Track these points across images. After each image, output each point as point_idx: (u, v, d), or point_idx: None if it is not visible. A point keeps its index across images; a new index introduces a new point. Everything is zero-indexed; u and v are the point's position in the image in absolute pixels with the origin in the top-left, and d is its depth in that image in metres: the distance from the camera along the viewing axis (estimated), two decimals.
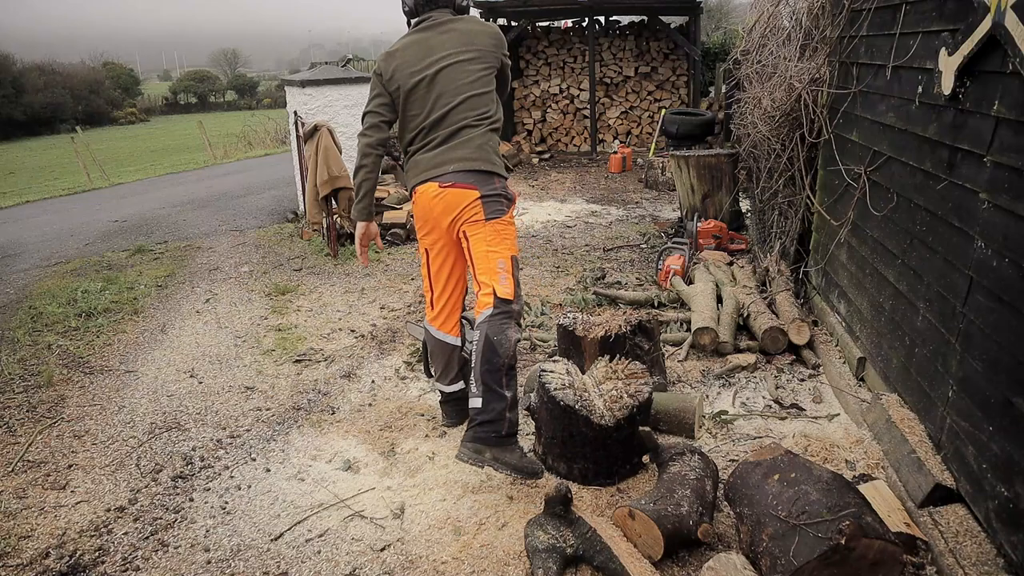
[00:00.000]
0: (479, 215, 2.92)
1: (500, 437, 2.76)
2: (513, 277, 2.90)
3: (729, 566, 2.19)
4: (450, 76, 2.96)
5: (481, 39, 3.04)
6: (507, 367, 2.79)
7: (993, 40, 2.23)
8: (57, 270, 6.77)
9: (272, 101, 40.38)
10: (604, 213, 8.20)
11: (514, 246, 2.97)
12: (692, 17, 11.75)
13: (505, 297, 2.86)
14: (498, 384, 2.76)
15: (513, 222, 3.03)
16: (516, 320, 2.89)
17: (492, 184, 2.95)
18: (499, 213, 2.94)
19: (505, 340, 2.79)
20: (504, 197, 2.98)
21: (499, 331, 2.80)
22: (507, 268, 2.89)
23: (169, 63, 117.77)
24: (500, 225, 2.93)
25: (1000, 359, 2.23)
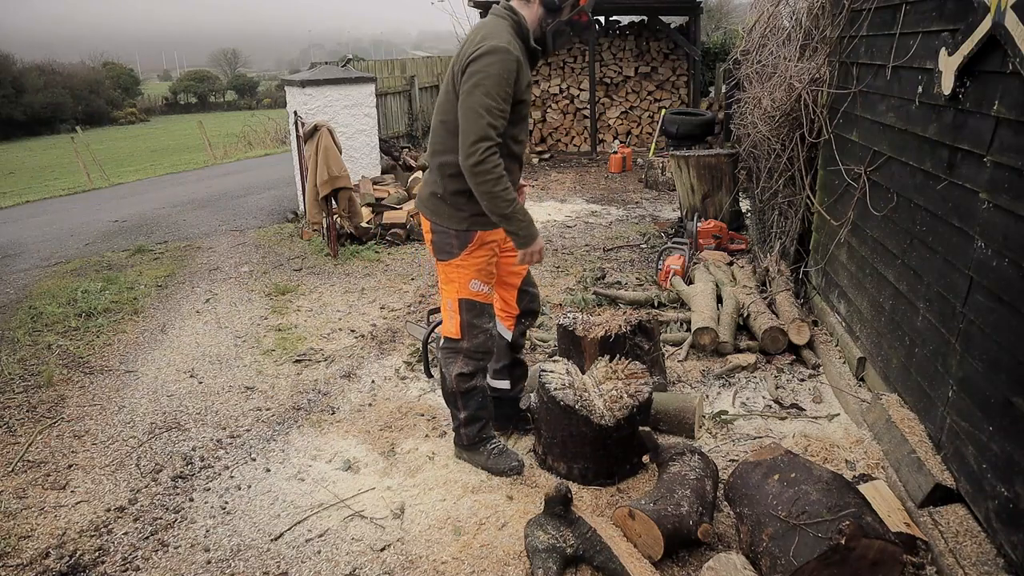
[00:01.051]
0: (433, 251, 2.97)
1: (464, 446, 3.13)
2: (460, 317, 2.92)
3: (729, 566, 2.19)
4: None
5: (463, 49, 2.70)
6: (458, 392, 3.00)
7: (993, 40, 2.23)
8: (57, 270, 6.77)
9: (272, 101, 40.38)
10: (604, 213, 8.20)
11: (463, 289, 2.88)
12: (692, 17, 11.75)
13: (449, 336, 3.00)
14: (452, 405, 3.08)
15: (466, 264, 2.86)
16: (465, 354, 2.97)
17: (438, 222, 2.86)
18: (446, 255, 2.87)
19: (447, 374, 3.01)
20: (452, 237, 2.82)
21: (445, 364, 3.03)
22: (453, 308, 2.93)
23: (169, 63, 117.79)
24: (448, 268, 2.90)
25: (1000, 359, 2.23)
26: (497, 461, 3.04)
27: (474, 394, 3.02)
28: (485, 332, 2.97)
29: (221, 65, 60.76)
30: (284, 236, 7.68)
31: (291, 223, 8.21)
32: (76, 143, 17.42)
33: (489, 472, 3.04)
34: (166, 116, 42.92)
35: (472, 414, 3.03)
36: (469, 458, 3.12)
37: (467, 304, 2.92)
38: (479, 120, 2.54)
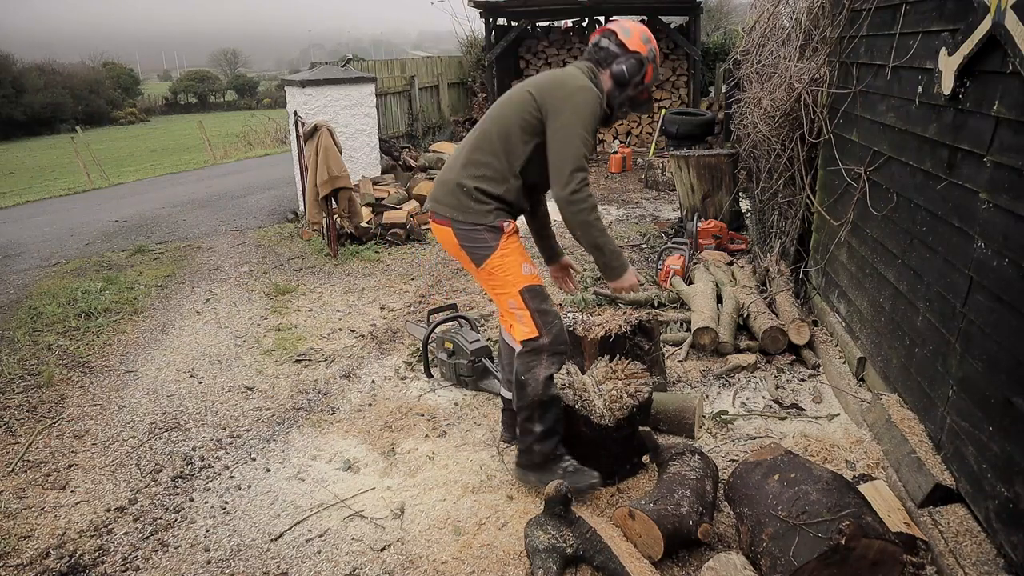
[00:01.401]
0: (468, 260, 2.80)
1: (536, 465, 2.83)
2: (530, 309, 2.73)
3: (729, 566, 2.19)
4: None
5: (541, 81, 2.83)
6: (537, 404, 2.74)
7: (993, 40, 2.23)
8: (57, 270, 6.77)
9: (272, 101, 40.37)
10: (604, 213, 8.20)
11: (518, 278, 2.74)
12: (692, 17, 11.75)
13: (527, 338, 2.76)
14: (528, 419, 2.78)
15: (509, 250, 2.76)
16: (549, 352, 2.74)
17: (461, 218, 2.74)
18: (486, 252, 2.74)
19: (532, 380, 2.73)
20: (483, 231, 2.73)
21: (526, 370, 2.75)
22: (518, 306, 2.74)
23: (169, 63, 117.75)
24: (493, 264, 2.75)
25: (1000, 359, 2.23)
26: (574, 479, 2.74)
27: (554, 403, 2.78)
28: (556, 315, 2.80)
29: (221, 65, 60.74)
30: (284, 236, 7.68)
31: (291, 223, 8.21)
32: (76, 143, 17.42)
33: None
34: (166, 116, 42.91)
35: (550, 427, 2.77)
36: (538, 479, 2.80)
37: (529, 292, 2.74)
38: (577, 151, 2.62)
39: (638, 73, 2.81)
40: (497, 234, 2.74)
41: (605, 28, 2.89)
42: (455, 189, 2.76)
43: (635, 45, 2.82)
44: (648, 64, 2.83)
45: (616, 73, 2.80)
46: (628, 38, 2.82)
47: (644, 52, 2.82)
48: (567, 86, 2.69)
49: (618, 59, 2.80)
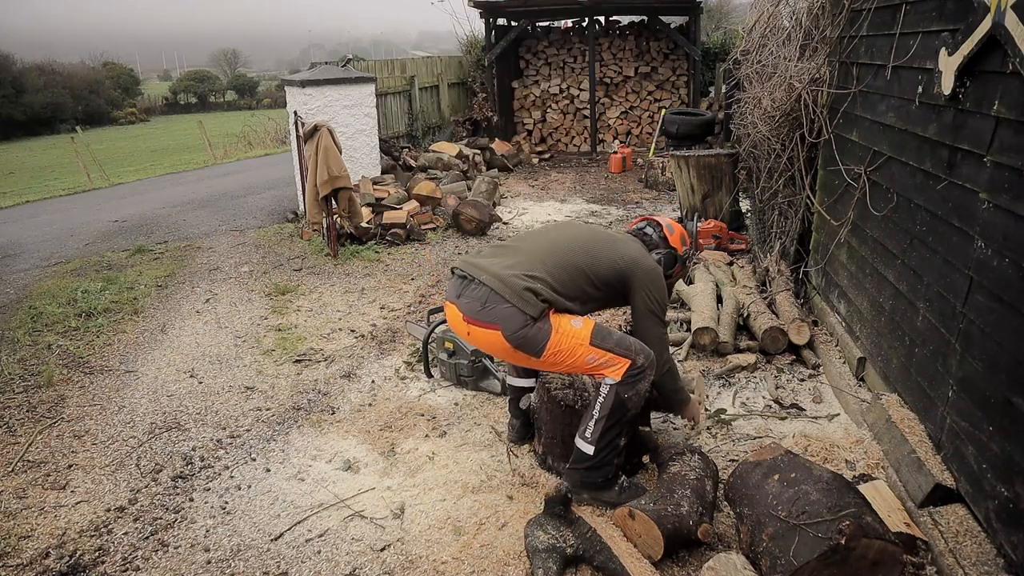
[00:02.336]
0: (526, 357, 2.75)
1: (607, 480, 2.80)
2: (608, 350, 2.69)
3: (729, 566, 2.19)
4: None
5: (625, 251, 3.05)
6: (630, 420, 2.76)
7: (993, 40, 2.23)
8: (57, 270, 6.77)
9: (272, 101, 40.36)
10: (604, 213, 8.20)
11: (578, 339, 2.68)
12: (692, 17, 11.75)
13: (627, 370, 2.70)
14: (619, 436, 2.75)
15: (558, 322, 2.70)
16: (648, 368, 2.73)
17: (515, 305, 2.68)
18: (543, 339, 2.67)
19: (635, 395, 2.71)
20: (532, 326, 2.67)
21: (630, 388, 2.70)
22: (599, 356, 2.69)
23: (169, 63, 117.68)
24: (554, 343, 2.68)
25: (1000, 359, 2.23)
26: (630, 494, 2.77)
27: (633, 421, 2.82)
28: (624, 335, 2.81)
29: (221, 65, 60.72)
30: (284, 236, 7.68)
31: (291, 223, 8.21)
32: (76, 143, 17.41)
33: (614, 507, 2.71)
34: (166, 116, 42.89)
35: (626, 442, 2.80)
36: (594, 496, 2.81)
37: (596, 337, 2.69)
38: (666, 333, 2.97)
39: (671, 267, 3.11)
40: (546, 320, 2.69)
41: (651, 218, 3.21)
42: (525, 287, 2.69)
43: (675, 242, 3.13)
44: (679, 264, 3.15)
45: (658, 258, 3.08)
46: (670, 234, 3.14)
47: (679, 251, 3.13)
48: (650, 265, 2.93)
49: (658, 249, 3.10)
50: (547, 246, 2.90)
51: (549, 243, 2.92)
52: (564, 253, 2.85)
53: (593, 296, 2.86)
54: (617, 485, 2.81)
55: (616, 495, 2.78)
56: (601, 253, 2.89)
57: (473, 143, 10.89)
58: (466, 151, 10.01)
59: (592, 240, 2.95)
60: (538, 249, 2.87)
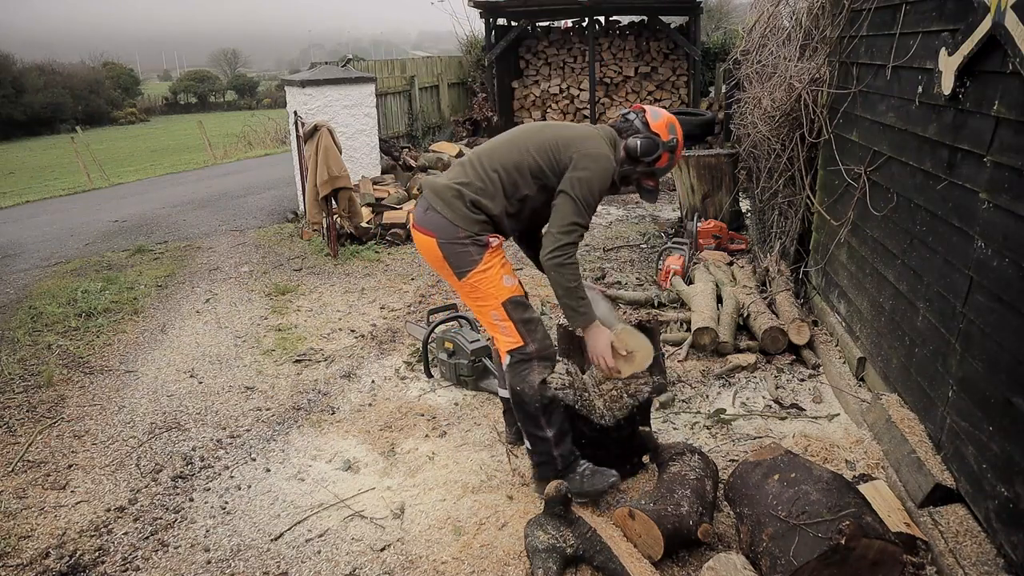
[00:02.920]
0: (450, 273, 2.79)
1: (558, 472, 2.79)
2: (513, 320, 2.73)
3: (729, 566, 2.19)
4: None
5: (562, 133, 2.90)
6: (540, 409, 2.74)
7: (993, 40, 2.23)
8: (57, 270, 6.77)
9: (272, 101, 40.35)
10: (604, 213, 8.20)
11: (500, 290, 2.73)
12: (692, 17, 11.75)
13: (513, 348, 2.76)
14: (537, 427, 2.77)
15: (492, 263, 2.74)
16: (538, 358, 2.76)
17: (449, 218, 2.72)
18: (468, 266, 2.73)
19: (528, 387, 2.74)
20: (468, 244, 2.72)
21: (520, 380, 2.76)
22: (501, 317, 2.74)
23: (169, 63, 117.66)
24: (475, 278, 2.73)
25: (1000, 359, 2.23)
26: (592, 482, 2.78)
27: (556, 405, 2.79)
28: (541, 323, 2.81)
29: (221, 65, 60.71)
30: (284, 236, 7.68)
31: (291, 223, 8.21)
32: (76, 143, 17.41)
33: (584, 496, 2.79)
34: (166, 116, 42.88)
35: (560, 428, 2.79)
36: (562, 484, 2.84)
37: (511, 303, 2.74)
38: (584, 206, 2.68)
39: (651, 154, 2.85)
40: (482, 249, 2.74)
41: (639, 106, 2.98)
42: (453, 194, 2.74)
43: (658, 128, 2.88)
44: (663, 150, 2.87)
45: (630, 146, 2.85)
46: (654, 120, 2.89)
47: (664, 138, 2.87)
48: (595, 149, 2.75)
49: (637, 134, 2.87)
50: (488, 148, 2.86)
51: (491, 146, 2.87)
52: (503, 150, 2.80)
53: (529, 196, 2.77)
54: (577, 473, 2.80)
55: (578, 483, 2.78)
56: (544, 141, 2.78)
57: (473, 143, 10.89)
58: (466, 151, 10.01)
59: (539, 131, 2.84)
60: (480, 152, 2.86)
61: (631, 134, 2.88)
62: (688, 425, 3.45)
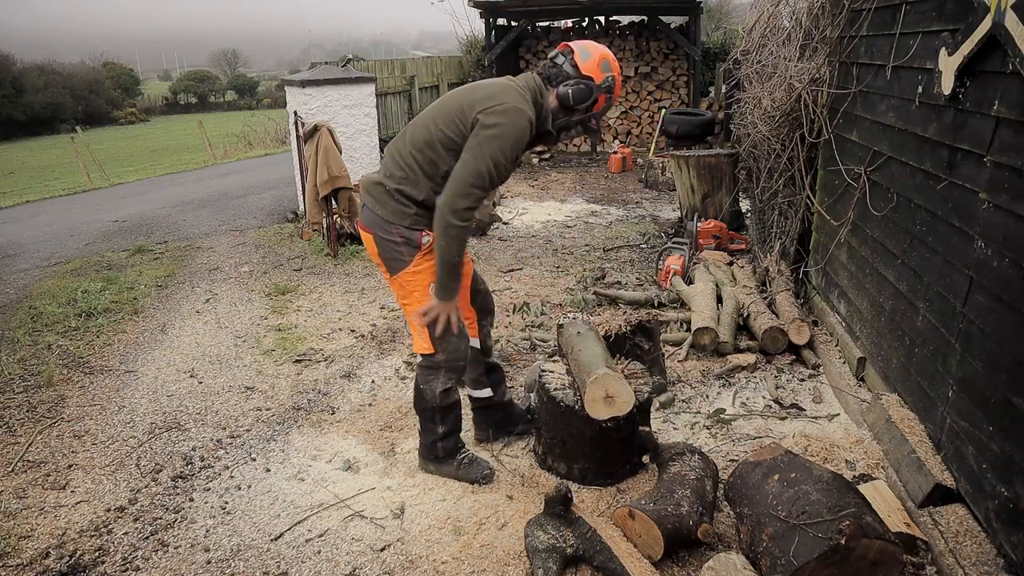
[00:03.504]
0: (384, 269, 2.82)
1: (438, 458, 3.05)
2: (429, 329, 2.76)
3: (729, 566, 2.19)
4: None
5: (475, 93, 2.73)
6: (437, 409, 2.94)
7: (993, 40, 2.23)
8: (57, 270, 6.77)
9: (272, 101, 40.37)
10: (604, 213, 8.20)
11: (425, 296, 2.74)
12: (692, 17, 11.75)
13: (424, 353, 2.85)
14: (431, 422, 2.99)
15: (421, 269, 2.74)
16: (445, 368, 2.85)
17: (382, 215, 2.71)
18: (399, 265, 2.74)
19: (430, 391, 2.91)
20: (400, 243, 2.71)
21: (424, 382, 2.93)
22: (420, 322, 2.76)
23: (169, 63, 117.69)
24: (404, 278, 2.76)
25: (1000, 359, 2.23)
26: (468, 471, 3.00)
27: (454, 408, 2.98)
28: (456, 335, 2.82)
29: (221, 65, 60.73)
30: (284, 236, 7.68)
31: (291, 223, 8.21)
32: (76, 143, 17.41)
33: (459, 481, 3.01)
34: (166, 116, 42.89)
35: (451, 428, 2.99)
36: (436, 470, 3.06)
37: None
38: (486, 168, 2.53)
39: (585, 99, 2.69)
40: (413, 249, 2.72)
41: (566, 45, 2.77)
42: (380, 189, 2.73)
43: (589, 70, 2.69)
44: (599, 93, 2.71)
45: (561, 95, 2.69)
46: (583, 61, 2.70)
47: (597, 79, 2.70)
48: (502, 104, 2.56)
49: (568, 81, 2.69)
50: (404, 132, 2.77)
51: (407, 129, 2.78)
52: (416, 131, 2.70)
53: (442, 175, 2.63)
54: (455, 461, 3.03)
55: (454, 469, 3.02)
56: (449, 109, 2.63)
57: None
58: None
59: (446, 100, 2.70)
60: (398, 138, 2.79)
61: (561, 81, 2.70)
62: (688, 425, 3.45)
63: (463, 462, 3.03)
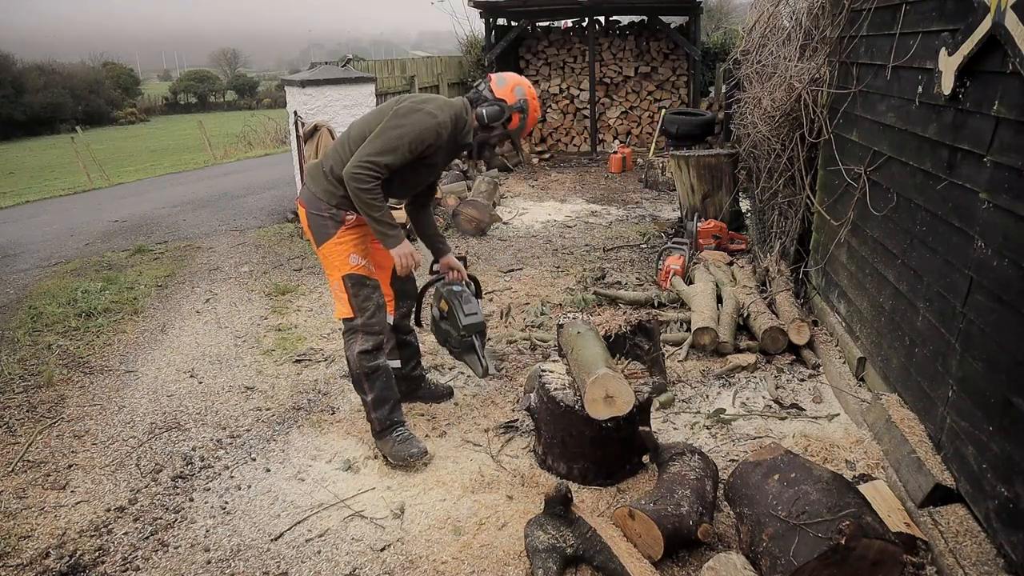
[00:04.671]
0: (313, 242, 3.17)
1: (376, 433, 3.21)
2: (348, 294, 3.09)
3: (729, 566, 2.19)
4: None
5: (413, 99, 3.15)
6: (362, 375, 3.14)
7: (993, 40, 2.23)
8: (57, 270, 6.77)
9: (272, 101, 40.36)
10: (604, 213, 8.20)
11: (344, 264, 3.08)
12: (692, 17, 11.75)
13: (343, 317, 3.15)
14: (361, 391, 3.20)
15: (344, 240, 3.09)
16: (363, 331, 3.12)
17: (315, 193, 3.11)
18: (324, 237, 3.09)
19: (351, 356, 3.14)
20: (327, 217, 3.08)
21: (348, 348, 3.17)
22: (339, 288, 3.11)
23: (169, 63, 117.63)
24: (327, 248, 3.10)
25: (1000, 359, 2.23)
26: (400, 448, 3.14)
27: (378, 374, 3.15)
28: (374, 303, 3.12)
29: (221, 65, 60.71)
30: (284, 236, 7.68)
31: (291, 223, 8.21)
32: (76, 143, 17.40)
33: (393, 459, 3.14)
34: (166, 116, 42.89)
35: (378, 395, 3.16)
36: (380, 447, 3.23)
37: (351, 279, 3.09)
38: (389, 147, 2.91)
39: (498, 119, 3.13)
40: (337, 224, 3.08)
41: (489, 75, 3.23)
42: (319, 170, 3.13)
43: (503, 94, 3.14)
44: (511, 112, 3.14)
45: (479, 114, 3.13)
46: (499, 87, 3.15)
47: (510, 101, 3.13)
48: (421, 107, 2.99)
49: (485, 103, 3.13)
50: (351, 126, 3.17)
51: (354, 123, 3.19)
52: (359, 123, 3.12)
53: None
54: (391, 438, 3.17)
55: (389, 447, 3.15)
56: (386, 108, 3.05)
57: None
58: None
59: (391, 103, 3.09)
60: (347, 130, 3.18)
61: (480, 103, 3.14)
62: (688, 425, 3.45)
63: (397, 439, 3.17)
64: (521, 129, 3.22)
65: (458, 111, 3.10)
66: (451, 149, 3.17)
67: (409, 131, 2.92)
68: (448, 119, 3.02)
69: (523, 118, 3.19)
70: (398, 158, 2.93)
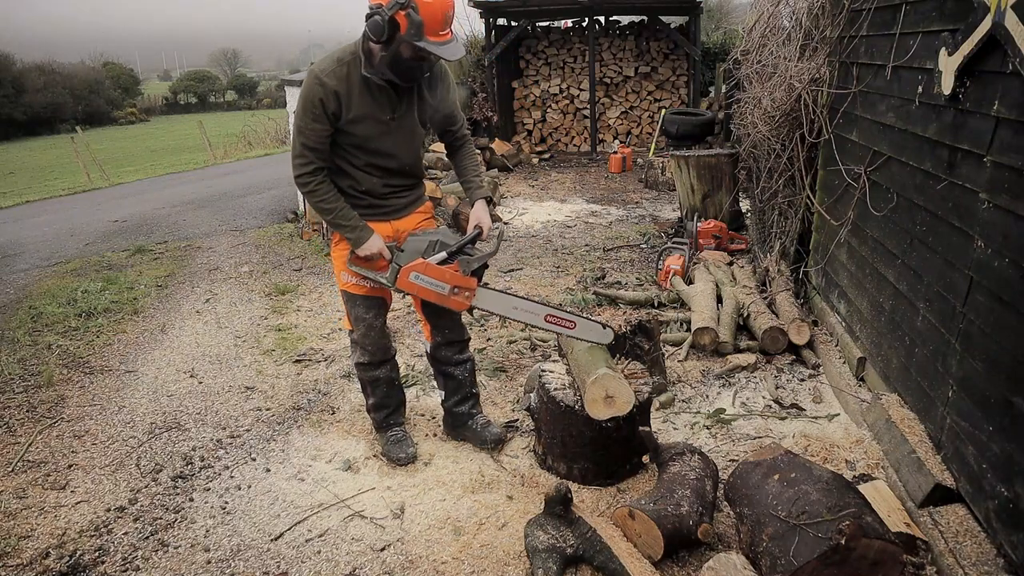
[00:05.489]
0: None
1: (376, 428, 3.34)
2: (346, 307, 3.12)
3: (729, 566, 2.19)
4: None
5: None
6: (365, 382, 3.23)
7: (993, 40, 2.23)
8: (57, 270, 6.77)
9: (272, 101, 40.37)
10: (604, 213, 8.20)
11: (338, 279, 3.10)
12: (692, 17, 11.75)
13: (347, 328, 3.20)
14: (364, 393, 3.30)
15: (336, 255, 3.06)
16: (360, 346, 3.14)
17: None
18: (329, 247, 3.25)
19: (352, 363, 3.25)
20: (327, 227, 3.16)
21: (352, 356, 3.24)
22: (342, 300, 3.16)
23: (169, 63, 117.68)
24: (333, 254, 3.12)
25: (1000, 359, 2.23)
26: (391, 448, 3.22)
27: (378, 383, 3.20)
28: (366, 324, 3.08)
29: (221, 65, 60.75)
30: (284, 236, 7.68)
31: (291, 223, 8.21)
32: (76, 143, 17.41)
33: (384, 456, 3.23)
34: (166, 116, 42.92)
35: (378, 401, 3.24)
36: (377, 438, 3.34)
37: (344, 295, 3.09)
38: (295, 143, 2.80)
39: (380, 30, 2.52)
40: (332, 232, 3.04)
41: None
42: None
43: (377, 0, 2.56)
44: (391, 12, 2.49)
45: (365, 33, 2.61)
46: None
47: (385, 3, 2.51)
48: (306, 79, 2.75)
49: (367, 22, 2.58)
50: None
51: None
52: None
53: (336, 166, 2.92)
54: (385, 436, 3.27)
55: (383, 445, 3.26)
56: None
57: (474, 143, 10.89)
58: None
59: None
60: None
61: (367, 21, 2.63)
62: (688, 425, 3.45)
63: (391, 439, 3.25)
64: (417, 30, 2.51)
65: (343, 51, 2.72)
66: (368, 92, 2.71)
67: (301, 101, 2.71)
68: (328, 65, 2.67)
69: (410, 15, 2.49)
70: (308, 134, 2.70)
